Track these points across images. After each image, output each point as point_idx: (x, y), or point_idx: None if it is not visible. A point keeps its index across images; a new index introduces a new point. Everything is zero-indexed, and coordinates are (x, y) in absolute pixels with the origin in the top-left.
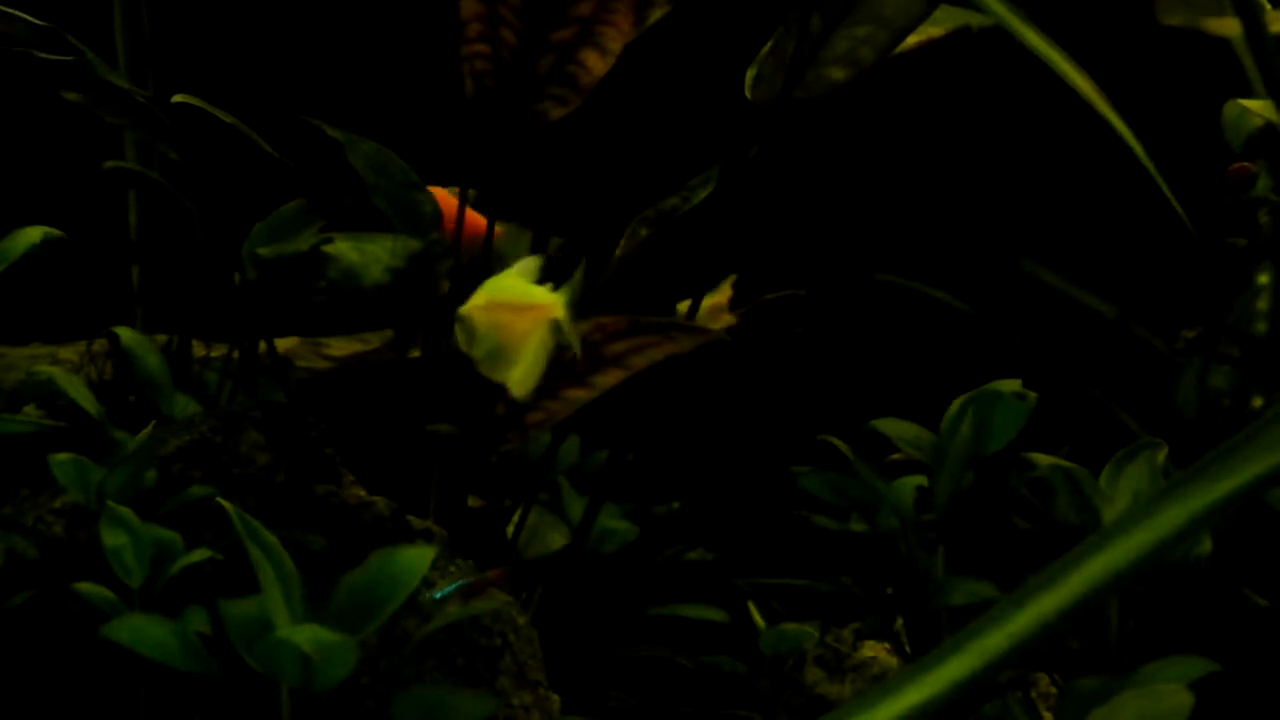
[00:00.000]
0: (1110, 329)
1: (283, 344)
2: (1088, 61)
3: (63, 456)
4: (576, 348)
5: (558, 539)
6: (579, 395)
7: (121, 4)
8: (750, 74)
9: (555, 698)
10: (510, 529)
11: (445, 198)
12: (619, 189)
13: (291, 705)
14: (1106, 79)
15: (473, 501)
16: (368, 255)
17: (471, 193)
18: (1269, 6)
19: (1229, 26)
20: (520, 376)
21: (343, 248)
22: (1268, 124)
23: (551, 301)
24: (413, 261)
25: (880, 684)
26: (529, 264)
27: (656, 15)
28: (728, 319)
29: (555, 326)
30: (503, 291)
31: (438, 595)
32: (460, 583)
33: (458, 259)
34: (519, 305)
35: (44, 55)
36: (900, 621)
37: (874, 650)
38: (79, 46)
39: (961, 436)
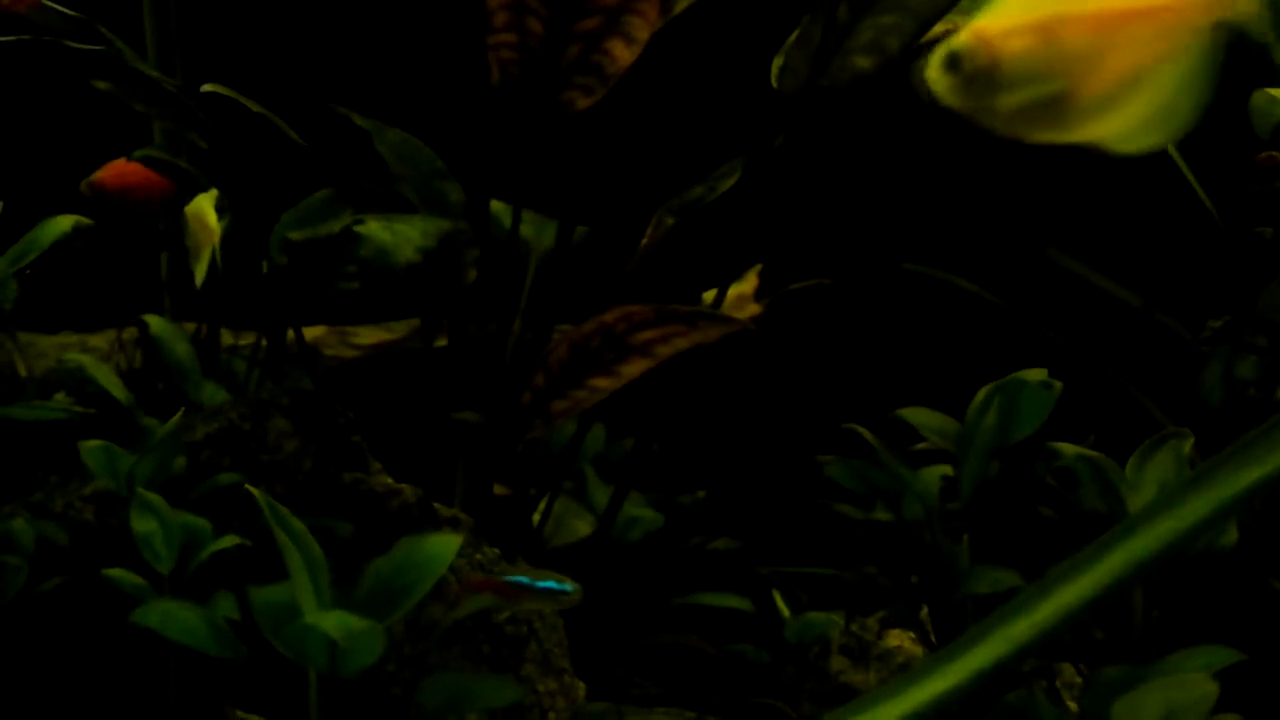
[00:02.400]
0: (1136, 318)
1: (310, 332)
2: None
3: (93, 443)
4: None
5: (583, 527)
6: (605, 384)
7: None
8: (776, 63)
9: (580, 685)
10: (536, 517)
11: (134, 167)
12: (645, 178)
13: (319, 690)
14: None
15: (498, 489)
16: (399, 235)
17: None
18: None
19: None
20: (1137, 125)
21: (374, 227)
22: None
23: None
24: (443, 243)
25: (905, 673)
26: None
27: (683, 4)
28: (753, 308)
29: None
30: None
31: (513, 578)
32: (547, 583)
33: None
34: (1109, 13)
35: (75, 45)
36: (925, 610)
37: (899, 639)
38: (109, 36)
39: (987, 425)
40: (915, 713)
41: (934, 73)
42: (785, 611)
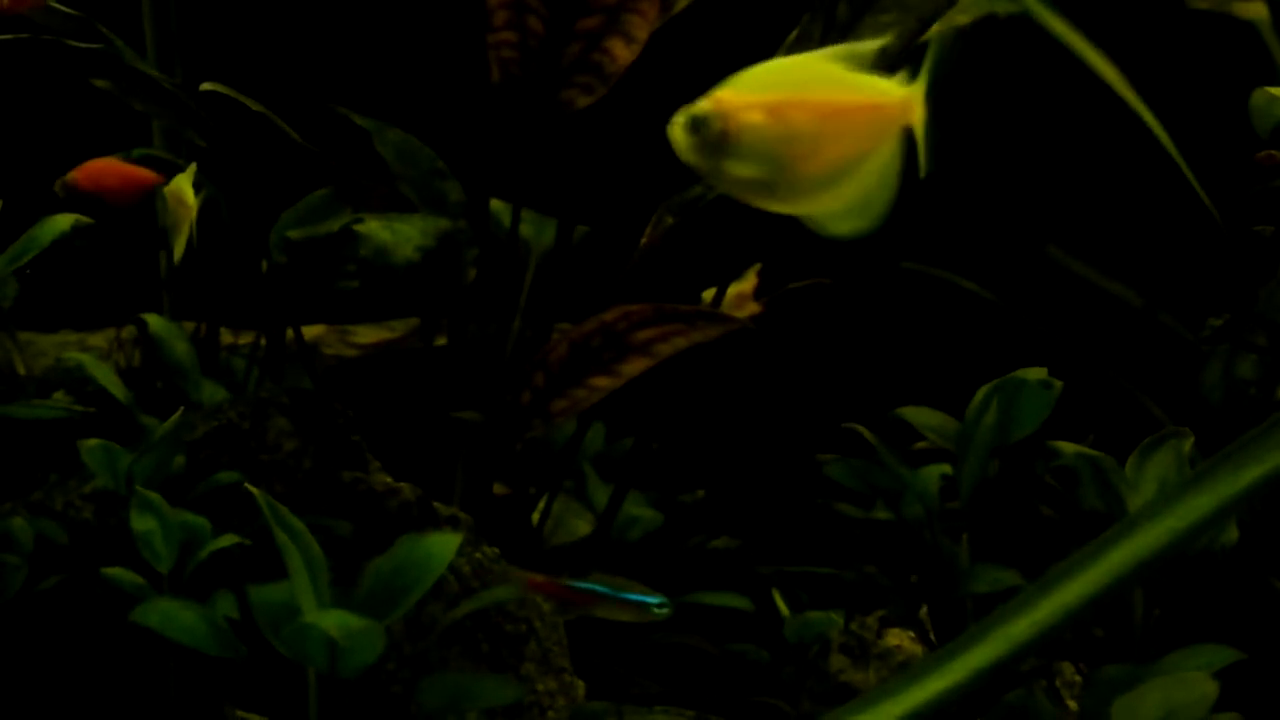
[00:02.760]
0: (1136, 317)
1: (310, 331)
2: (1113, 48)
3: (92, 442)
4: (929, 164)
5: (583, 526)
6: (604, 383)
7: None
8: None
9: (580, 684)
10: (536, 516)
11: (114, 164)
12: (645, 177)
13: (319, 690)
14: (1132, 66)
15: (498, 488)
16: (399, 234)
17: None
18: None
19: (1257, 10)
20: (841, 207)
21: (374, 226)
22: None
23: (898, 99)
24: (442, 242)
25: (905, 672)
26: (853, 49)
27: (683, 3)
28: (753, 307)
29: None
30: (799, 82)
31: (588, 584)
32: (633, 595)
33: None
34: (838, 106)
35: (75, 43)
36: (925, 609)
37: (898, 638)
38: (108, 35)
39: (986, 424)
40: (915, 712)
41: (677, 131)
42: (785, 610)
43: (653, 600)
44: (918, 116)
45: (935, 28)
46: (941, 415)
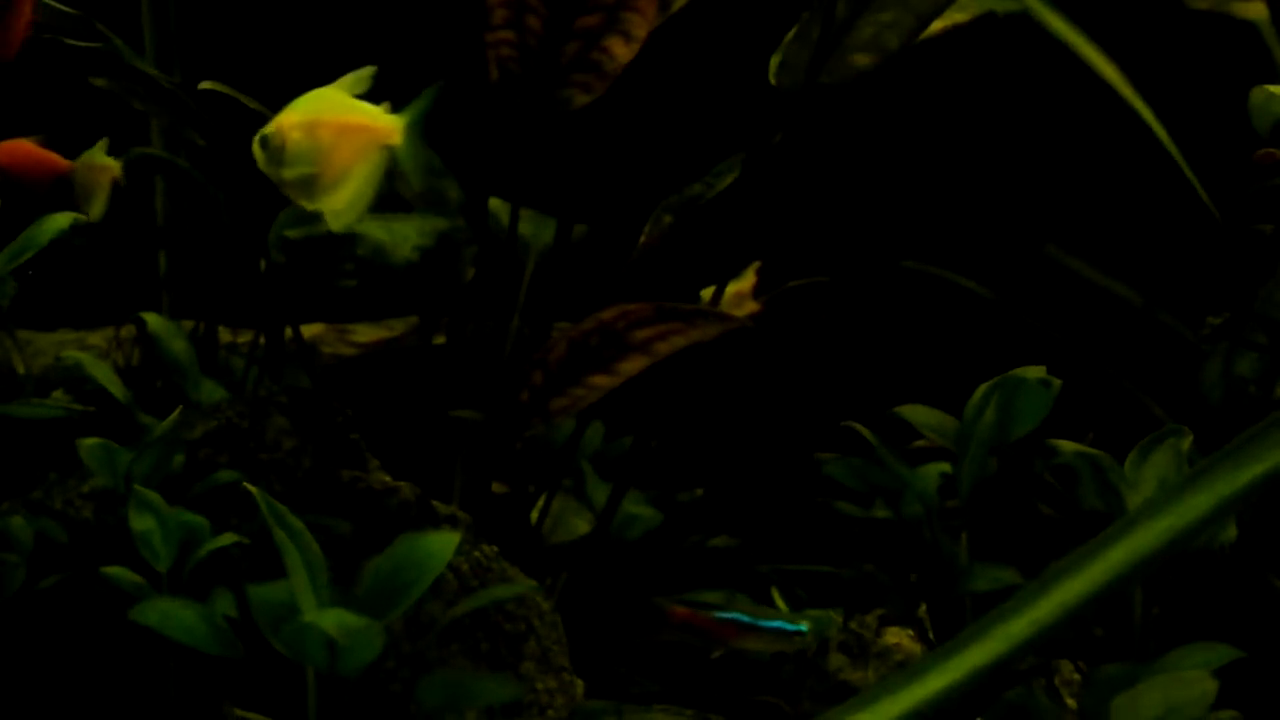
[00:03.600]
0: (1135, 316)
1: (308, 330)
2: (1113, 47)
3: (91, 441)
4: (416, 183)
5: (582, 525)
6: (603, 382)
7: None
8: (775, 60)
9: (579, 682)
10: (534, 515)
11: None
12: (644, 176)
13: (318, 688)
14: (1132, 64)
15: (497, 487)
16: (396, 234)
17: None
18: None
19: (1256, 10)
20: (343, 206)
21: (372, 226)
22: None
23: (388, 125)
24: (441, 241)
25: (904, 670)
26: (357, 76)
27: (681, 2)
28: (752, 306)
29: (391, 153)
30: (326, 108)
31: (730, 614)
32: (775, 623)
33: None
34: (345, 125)
35: (73, 42)
36: (924, 608)
37: (897, 637)
38: (107, 34)
39: (986, 423)
40: (914, 710)
41: (255, 146)
42: (784, 609)
43: (795, 628)
44: (399, 140)
45: (937, 24)
46: (940, 414)
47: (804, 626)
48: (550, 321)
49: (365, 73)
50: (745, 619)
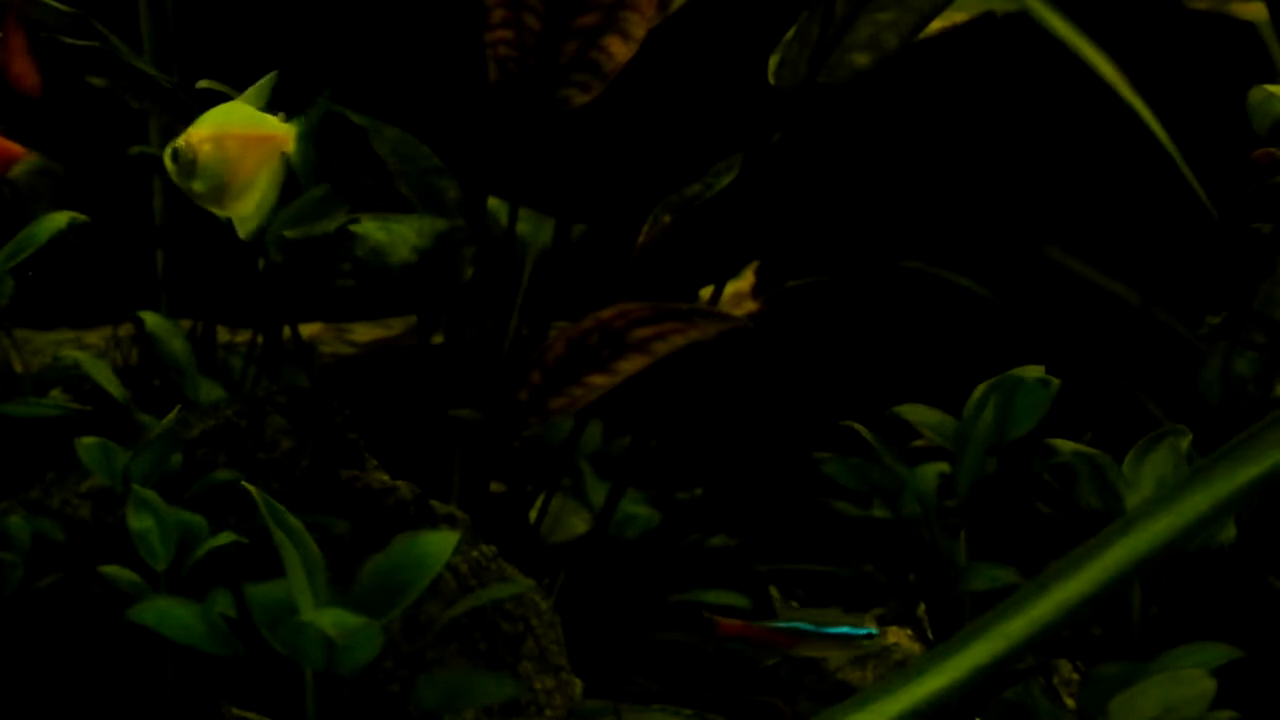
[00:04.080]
0: (1134, 315)
1: (306, 330)
2: (1112, 46)
3: (89, 440)
4: (306, 185)
5: (580, 524)
6: (602, 381)
7: None
8: (773, 60)
9: (577, 682)
10: (533, 514)
11: None
12: (642, 175)
13: (316, 688)
14: (1131, 64)
15: (495, 487)
16: (395, 235)
17: None
18: None
19: (1255, 11)
20: (249, 212)
21: (370, 227)
22: None
23: (284, 132)
24: (439, 242)
25: (902, 670)
26: (258, 88)
27: (680, 1)
28: (751, 305)
29: (286, 159)
30: (231, 121)
31: (790, 624)
32: (842, 629)
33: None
34: (250, 136)
35: (70, 40)
36: (922, 607)
37: (896, 636)
38: (105, 32)
39: (984, 423)
40: (912, 709)
41: (167, 160)
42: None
43: (860, 632)
44: (292, 146)
45: (936, 23)
46: (939, 413)
47: (873, 629)
48: (549, 321)
49: (265, 83)
50: (808, 627)
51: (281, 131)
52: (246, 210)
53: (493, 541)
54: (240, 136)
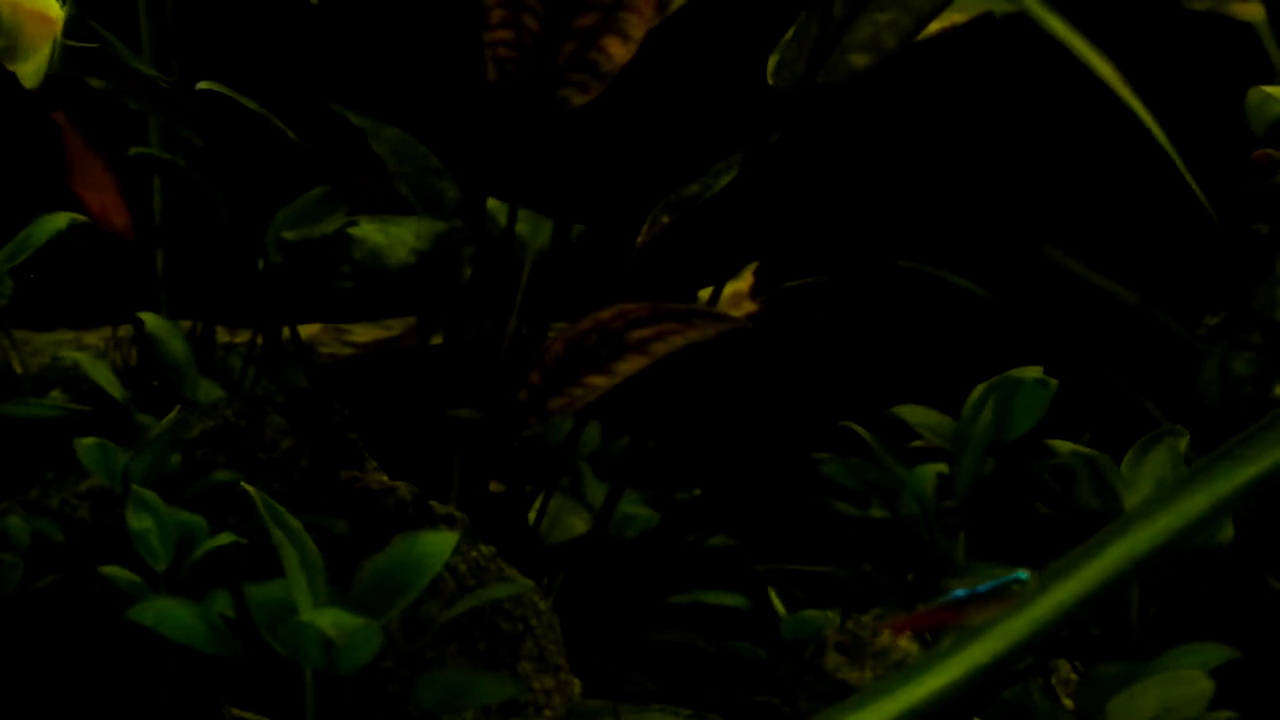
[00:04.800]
0: (1132, 315)
1: (306, 330)
2: (1110, 47)
3: (88, 441)
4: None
5: (579, 525)
6: (601, 381)
7: None
8: (772, 60)
9: (576, 682)
10: (532, 514)
11: None
12: (641, 176)
13: (315, 688)
14: (1129, 64)
15: (494, 487)
16: (393, 236)
17: None
18: None
19: (1253, 11)
20: (32, 70)
21: (368, 229)
22: None
23: (56, 13)
24: (437, 244)
25: (901, 670)
26: None
27: (679, 2)
28: (749, 306)
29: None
30: None
31: (981, 588)
32: (993, 583)
33: None
34: (30, 8)
35: (70, 41)
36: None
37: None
38: (104, 33)
39: (983, 423)
40: (911, 709)
41: None
42: (781, 609)
43: (1011, 577)
44: (59, 28)
45: (935, 24)
46: (938, 414)
47: (1021, 573)
48: (548, 321)
49: None
50: (961, 593)
51: (53, 9)
52: (30, 70)
53: (492, 542)
54: (28, 8)
